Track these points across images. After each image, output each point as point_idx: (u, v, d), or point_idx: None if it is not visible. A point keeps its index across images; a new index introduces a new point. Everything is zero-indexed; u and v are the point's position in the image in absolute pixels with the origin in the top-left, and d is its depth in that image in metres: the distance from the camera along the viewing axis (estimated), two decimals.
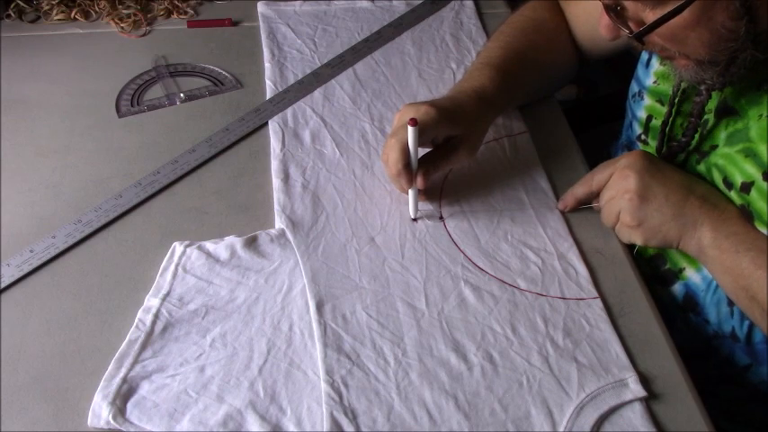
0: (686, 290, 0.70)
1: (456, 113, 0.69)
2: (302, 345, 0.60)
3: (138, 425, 0.54)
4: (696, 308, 0.70)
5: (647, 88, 0.75)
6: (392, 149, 0.67)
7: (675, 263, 0.71)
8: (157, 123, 0.82)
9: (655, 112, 0.75)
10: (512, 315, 0.63)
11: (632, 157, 0.66)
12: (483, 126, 0.74)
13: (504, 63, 0.77)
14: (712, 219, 0.63)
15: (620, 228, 0.68)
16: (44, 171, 0.75)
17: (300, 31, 0.96)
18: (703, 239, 0.63)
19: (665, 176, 0.65)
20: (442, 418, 0.56)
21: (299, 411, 0.56)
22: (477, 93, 0.73)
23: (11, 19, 0.96)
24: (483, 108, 0.73)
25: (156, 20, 0.98)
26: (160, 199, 0.73)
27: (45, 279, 0.65)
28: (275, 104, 0.84)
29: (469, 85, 0.74)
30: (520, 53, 0.79)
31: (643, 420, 0.56)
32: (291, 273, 0.66)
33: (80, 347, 0.60)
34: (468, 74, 0.77)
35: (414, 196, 0.70)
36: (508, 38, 0.81)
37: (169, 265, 0.65)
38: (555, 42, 0.83)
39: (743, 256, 0.61)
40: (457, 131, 0.70)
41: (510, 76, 0.76)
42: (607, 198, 0.68)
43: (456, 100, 0.71)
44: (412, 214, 0.71)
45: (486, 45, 0.82)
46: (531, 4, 0.86)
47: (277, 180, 0.74)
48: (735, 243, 0.61)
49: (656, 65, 0.74)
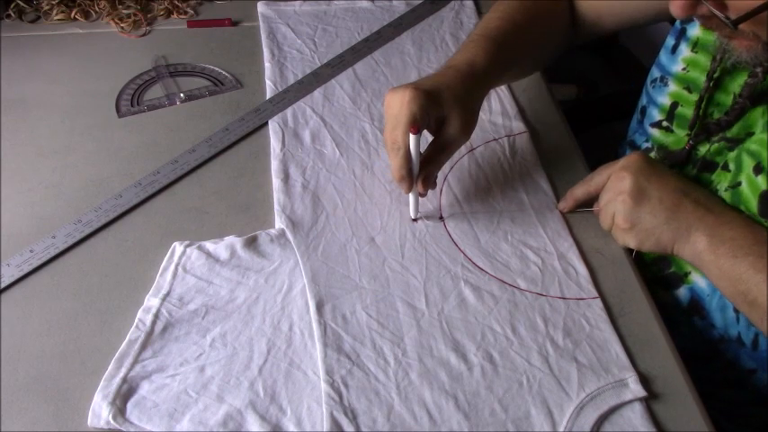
0: (692, 294, 0.70)
1: (441, 92, 0.66)
2: (302, 345, 0.60)
3: (138, 425, 0.54)
4: (702, 312, 0.69)
5: (674, 74, 0.74)
6: (394, 157, 0.65)
7: (681, 266, 0.71)
8: (157, 123, 0.82)
9: (681, 99, 0.74)
10: (512, 315, 0.63)
11: (630, 158, 0.66)
12: (474, 102, 0.70)
13: (500, 34, 0.74)
14: (707, 223, 0.63)
15: (615, 230, 0.68)
16: (44, 171, 0.75)
17: (300, 31, 0.96)
18: (698, 244, 0.63)
19: (660, 179, 0.65)
20: (442, 418, 0.56)
21: (299, 411, 0.56)
22: (468, 66, 0.70)
23: (11, 19, 0.96)
24: (471, 82, 0.69)
25: (156, 20, 0.98)
26: (160, 199, 0.73)
27: (45, 279, 0.65)
28: (275, 104, 0.84)
29: (462, 58, 0.71)
30: (517, 24, 0.76)
31: (643, 420, 0.56)
32: (291, 273, 0.66)
33: (80, 347, 0.60)
34: (462, 45, 0.74)
35: (415, 197, 0.70)
36: (507, 8, 0.78)
37: (169, 265, 0.65)
38: (554, 14, 0.82)
39: (741, 260, 0.60)
40: (444, 111, 0.66)
41: (506, 47, 0.73)
42: (605, 200, 0.68)
43: (442, 77, 0.68)
44: (412, 215, 0.71)
45: (485, 16, 0.79)
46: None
47: (277, 180, 0.74)
48: (732, 248, 0.61)
49: (686, 51, 0.73)
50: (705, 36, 0.71)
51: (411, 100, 0.63)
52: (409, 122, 0.63)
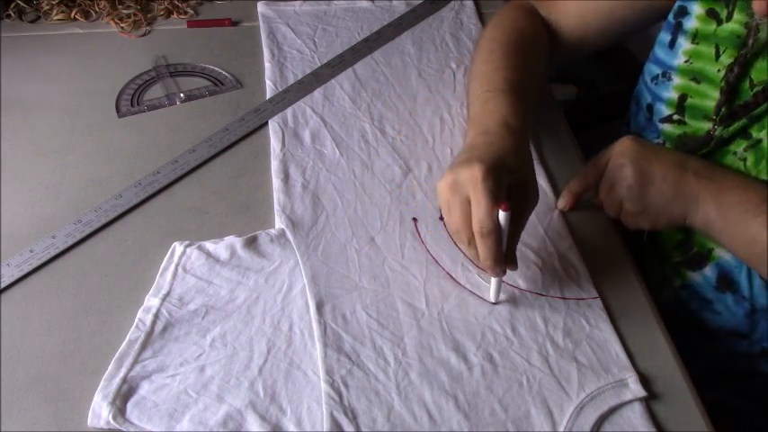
0: (719, 269, 0.71)
1: (504, 161, 0.60)
2: (302, 345, 0.60)
3: (138, 425, 0.54)
4: (732, 285, 0.71)
5: (677, 68, 0.75)
6: (485, 243, 0.58)
7: (703, 244, 0.72)
8: (157, 123, 0.82)
9: (690, 90, 0.74)
10: (512, 315, 0.63)
11: (623, 144, 0.67)
12: (531, 160, 0.65)
13: (516, 85, 0.71)
14: (711, 192, 0.64)
15: (625, 216, 0.69)
16: (44, 171, 0.75)
17: (300, 31, 0.96)
18: (709, 213, 0.64)
19: (658, 158, 0.66)
20: (442, 418, 0.56)
21: (299, 411, 0.56)
22: (505, 127, 0.65)
23: (11, 19, 0.96)
24: (522, 141, 0.65)
25: (156, 20, 0.98)
26: (160, 199, 0.73)
27: (45, 279, 0.65)
28: (275, 104, 0.84)
29: (493, 122, 0.66)
30: (520, 68, 0.74)
31: (643, 420, 0.56)
32: (291, 273, 0.66)
33: (80, 347, 0.60)
34: (481, 105, 0.70)
35: (499, 279, 0.63)
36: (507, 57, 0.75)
37: (169, 265, 0.65)
38: (542, 45, 0.82)
39: (752, 222, 0.62)
40: (513, 179, 0.61)
41: (524, 96, 0.71)
42: (606, 190, 0.69)
43: (491, 145, 0.62)
44: (494, 299, 0.64)
45: (480, 69, 0.75)
46: (505, 14, 0.82)
47: (277, 180, 0.74)
48: (741, 212, 0.63)
49: (686, 44, 0.74)
50: (704, 27, 0.72)
51: (486, 177, 0.57)
52: (492, 201, 0.57)
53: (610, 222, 0.72)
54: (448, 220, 0.61)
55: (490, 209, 0.57)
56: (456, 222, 0.60)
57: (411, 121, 0.83)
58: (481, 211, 0.57)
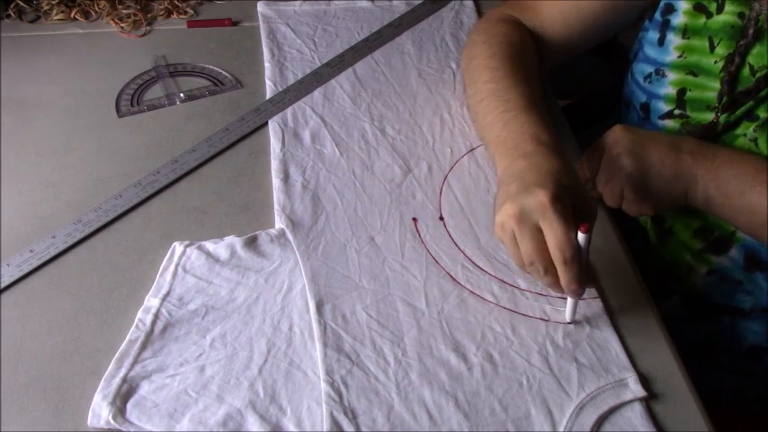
0: (745, 250, 0.72)
1: (560, 181, 0.59)
2: (302, 345, 0.60)
3: (138, 425, 0.54)
4: (761, 264, 0.72)
5: (670, 64, 0.75)
6: (568, 268, 0.56)
7: (723, 228, 0.73)
8: (157, 123, 0.82)
9: (689, 83, 0.74)
10: (512, 315, 0.63)
11: (615, 134, 0.68)
12: (574, 170, 0.63)
13: (533, 101, 0.70)
14: (707, 168, 0.65)
15: (628, 204, 0.69)
16: (44, 171, 0.75)
17: (300, 30, 0.96)
18: (709, 189, 0.65)
19: (652, 142, 0.67)
20: (442, 418, 0.56)
21: (299, 411, 0.56)
22: (544, 146, 0.63)
23: (11, 19, 0.96)
24: (563, 157, 0.63)
25: (156, 20, 0.98)
26: (160, 199, 0.73)
27: (45, 279, 0.65)
28: (275, 104, 0.84)
29: (527, 142, 0.64)
30: (529, 81, 0.74)
31: (643, 420, 0.56)
32: (291, 273, 0.66)
33: (80, 347, 0.60)
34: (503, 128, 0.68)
35: (577, 300, 0.61)
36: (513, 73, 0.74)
37: (169, 265, 0.65)
38: (536, 60, 0.81)
39: (749, 194, 0.63)
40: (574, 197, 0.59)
41: (543, 110, 0.70)
42: (605, 181, 0.69)
43: (540, 168, 0.60)
44: (569, 318, 0.62)
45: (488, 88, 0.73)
46: (491, 30, 0.81)
47: (277, 180, 0.74)
48: (738, 185, 0.64)
49: (677, 40, 0.74)
50: (693, 21, 0.72)
51: (554, 201, 0.56)
52: (568, 225, 0.55)
53: (610, 222, 0.72)
54: (515, 252, 0.59)
55: (568, 233, 0.55)
56: (529, 253, 0.57)
57: (411, 120, 0.83)
58: (559, 237, 0.55)
